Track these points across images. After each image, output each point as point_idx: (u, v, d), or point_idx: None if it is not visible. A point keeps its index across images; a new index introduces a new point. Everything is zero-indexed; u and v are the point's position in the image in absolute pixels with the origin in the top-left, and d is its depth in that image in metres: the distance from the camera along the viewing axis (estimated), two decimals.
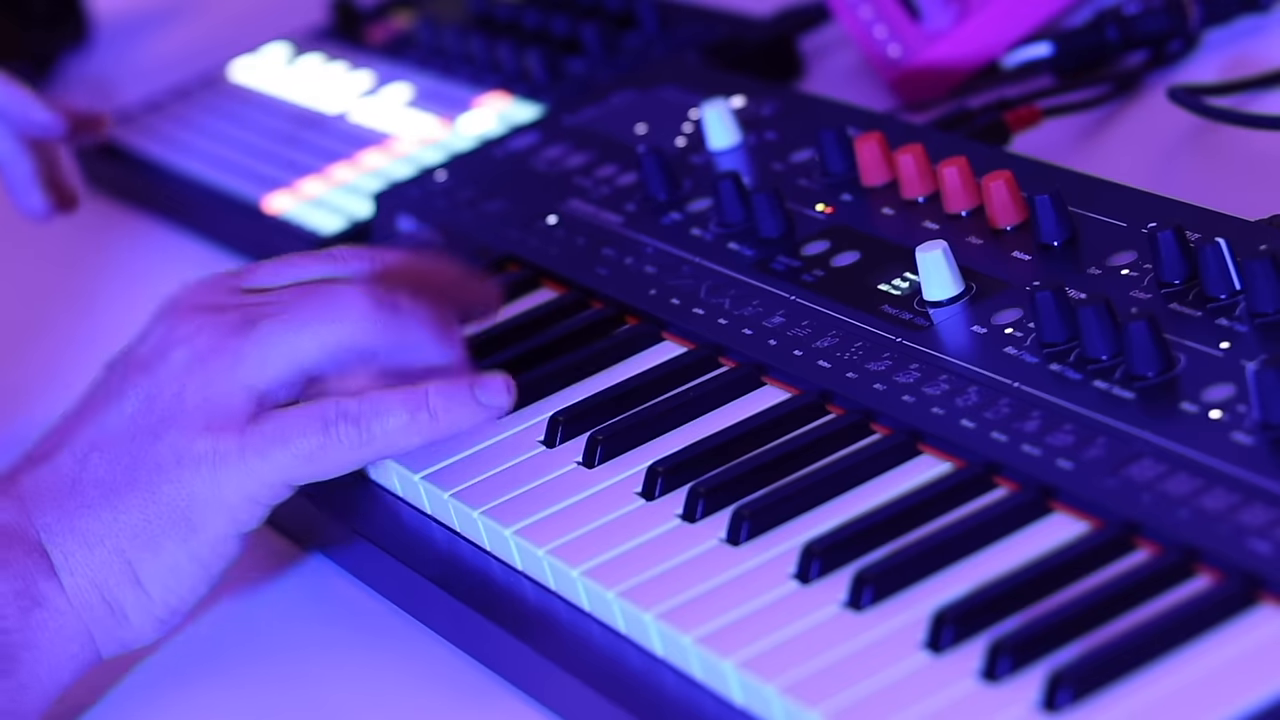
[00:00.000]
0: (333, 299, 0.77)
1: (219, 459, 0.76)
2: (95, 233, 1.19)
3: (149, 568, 0.76)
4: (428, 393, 0.76)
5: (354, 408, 0.76)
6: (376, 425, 0.76)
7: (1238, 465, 0.66)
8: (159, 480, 0.76)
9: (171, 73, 1.32)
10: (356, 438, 0.76)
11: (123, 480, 0.76)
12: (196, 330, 0.77)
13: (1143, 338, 0.70)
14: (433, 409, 0.76)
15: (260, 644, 0.80)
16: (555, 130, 1.00)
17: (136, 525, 0.76)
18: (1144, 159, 0.93)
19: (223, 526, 0.76)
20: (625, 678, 0.70)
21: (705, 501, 0.73)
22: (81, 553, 0.76)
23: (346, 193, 1.08)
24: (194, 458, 0.76)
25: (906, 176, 0.84)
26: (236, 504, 0.76)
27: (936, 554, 0.68)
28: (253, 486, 0.76)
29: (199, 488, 0.76)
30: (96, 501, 0.76)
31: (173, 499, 0.76)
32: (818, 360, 0.78)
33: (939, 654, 0.65)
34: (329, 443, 0.75)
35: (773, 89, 0.96)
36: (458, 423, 0.76)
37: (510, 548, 0.76)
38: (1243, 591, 0.63)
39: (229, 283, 0.80)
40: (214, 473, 0.76)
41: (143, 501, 0.76)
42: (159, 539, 0.76)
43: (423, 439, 0.76)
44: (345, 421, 0.75)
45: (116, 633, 0.77)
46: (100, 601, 0.76)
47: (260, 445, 0.76)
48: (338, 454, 0.76)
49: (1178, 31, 0.98)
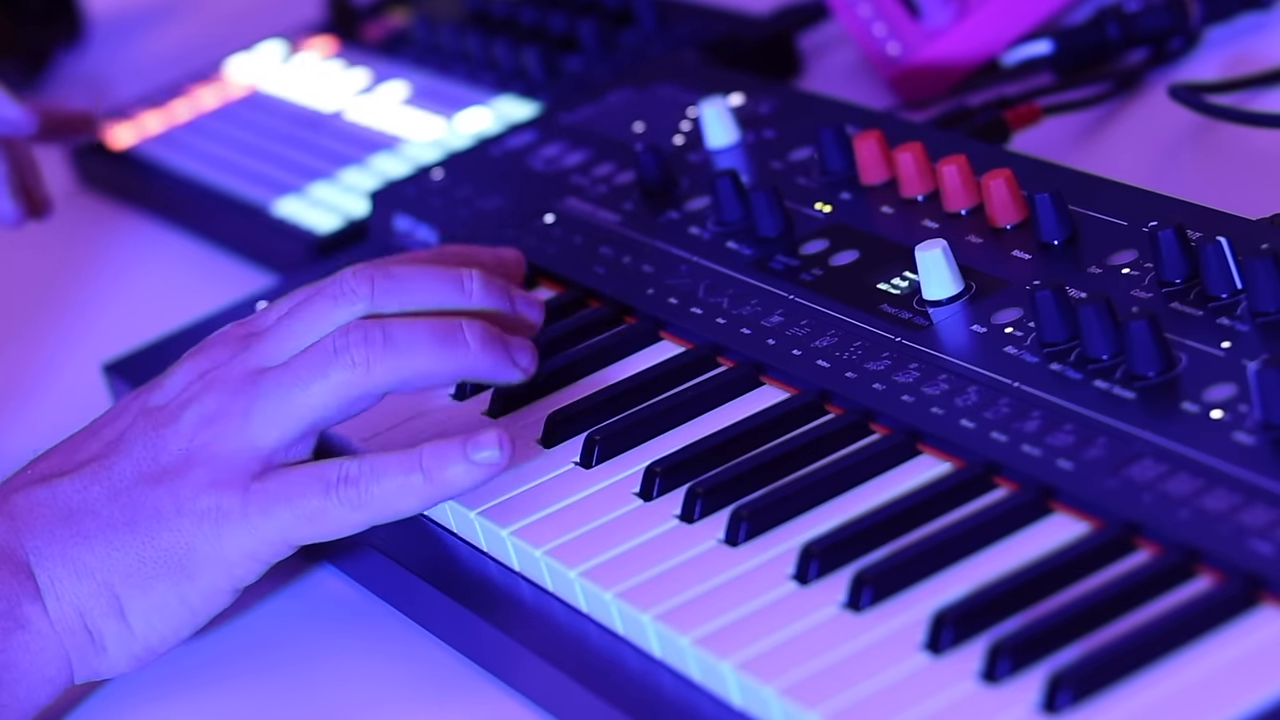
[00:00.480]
0: (327, 352, 0.76)
1: (221, 515, 0.76)
2: (88, 231, 1.19)
3: (136, 605, 0.76)
4: (421, 454, 0.75)
5: (354, 470, 0.75)
6: (375, 488, 0.75)
7: (1239, 465, 0.66)
8: (158, 527, 0.76)
9: (166, 70, 1.32)
10: (355, 500, 0.75)
11: (121, 520, 0.76)
12: (207, 388, 0.77)
13: (1143, 337, 0.70)
14: (425, 469, 0.75)
15: (254, 645, 0.80)
16: (552, 128, 1.00)
17: (130, 564, 0.76)
18: (1145, 157, 0.93)
19: (219, 579, 0.76)
20: (623, 679, 0.70)
21: (703, 502, 0.73)
22: (69, 580, 0.76)
23: (343, 191, 1.08)
24: (196, 511, 0.76)
25: (906, 175, 0.84)
26: (236, 560, 0.76)
27: (936, 555, 0.68)
28: (253, 544, 0.76)
29: (199, 541, 0.76)
30: (92, 535, 0.76)
31: (171, 547, 0.76)
32: (816, 360, 0.78)
33: (938, 655, 0.65)
34: (329, 504, 0.75)
35: (771, 87, 0.96)
36: (452, 482, 0.75)
37: (507, 548, 0.76)
38: (1244, 592, 0.63)
39: (241, 335, 0.79)
40: (216, 528, 0.76)
41: (139, 544, 0.76)
42: (151, 580, 0.76)
43: (419, 500, 0.76)
44: (345, 484, 0.75)
45: (93, 661, 0.77)
46: (82, 629, 0.76)
47: (263, 503, 0.75)
48: (337, 515, 0.76)
49: (1179, 29, 0.98)
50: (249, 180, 1.12)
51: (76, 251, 1.17)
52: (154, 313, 1.04)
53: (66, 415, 0.83)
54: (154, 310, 1.05)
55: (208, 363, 0.78)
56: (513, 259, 0.84)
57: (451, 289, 0.78)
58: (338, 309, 0.77)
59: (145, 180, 1.18)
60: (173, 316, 1.00)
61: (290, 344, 0.77)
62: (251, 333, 0.79)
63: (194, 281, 1.10)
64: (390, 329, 0.76)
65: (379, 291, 0.77)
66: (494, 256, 0.83)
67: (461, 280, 0.78)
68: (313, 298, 0.78)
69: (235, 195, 1.12)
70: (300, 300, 0.79)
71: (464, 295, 0.78)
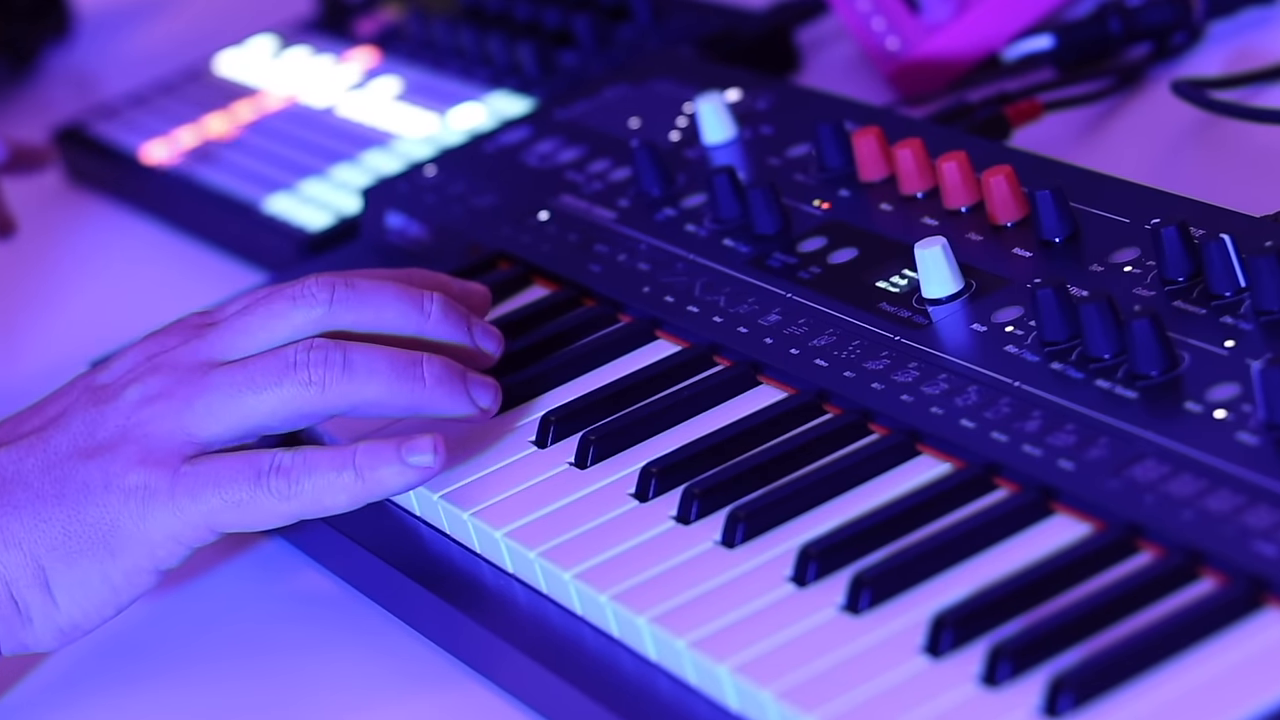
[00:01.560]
0: (285, 364, 0.76)
1: (149, 494, 0.76)
2: (76, 227, 1.19)
3: (61, 578, 0.76)
4: (355, 451, 0.76)
5: (287, 461, 0.75)
6: (306, 481, 0.75)
7: (1243, 466, 0.66)
8: (85, 502, 0.76)
9: (155, 66, 1.32)
10: (285, 491, 0.75)
11: (50, 493, 0.76)
12: (153, 370, 0.78)
13: (1146, 336, 0.70)
14: (358, 467, 0.75)
15: (236, 639, 0.80)
16: (547, 124, 0.99)
17: (56, 536, 0.76)
18: (1147, 154, 0.92)
19: (141, 559, 0.77)
20: (618, 682, 0.69)
21: (700, 503, 0.73)
22: None
23: (334, 188, 1.08)
24: (124, 488, 0.76)
25: (905, 171, 0.84)
26: (159, 541, 0.76)
27: (935, 556, 0.68)
28: (177, 526, 0.76)
29: (124, 519, 0.76)
30: (22, 504, 0.77)
31: (96, 522, 0.76)
32: (814, 359, 0.77)
33: (938, 658, 0.64)
34: (259, 493, 0.75)
35: (769, 82, 0.96)
36: (384, 482, 0.75)
37: (501, 550, 0.76)
38: (1248, 595, 0.63)
39: (197, 324, 0.80)
40: (142, 507, 0.76)
41: (66, 517, 0.76)
42: (76, 554, 0.76)
43: (349, 498, 0.76)
44: (276, 474, 0.75)
45: (19, 633, 0.77)
46: (8, 599, 0.76)
47: (192, 486, 0.76)
48: (265, 505, 0.76)
49: (1182, 24, 0.98)
50: (239, 176, 1.12)
51: (64, 247, 1.18)
52: (142, 310, 1.04)
53: None
54: (142, 307, 1.06)
55: (158, 347, 0.79)
56: (479, 293, 0.84)
57: (411, 310, 0.78)
58: (295, 310, 0.78)
59: (134, 176, 1.18)
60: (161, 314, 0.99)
61: (243, 340, 0.78)
62: (208, 323, 0.80)
63: (183, 278, 1.10)
64: (351, 354, 0.76)
65: (338, 300, 0.78)
66: (462, 288, 0.84)
67: (422, 302, 0.79)
68: (272, 296, 0.79)
69: (225, 191, 1.11)
70: (259, 298, 0.79)
71: (423, 317, 0.79)
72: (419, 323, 0.78)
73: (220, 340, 0.78)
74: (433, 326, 0.79)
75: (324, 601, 0.81)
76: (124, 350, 0.80)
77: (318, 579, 0.82)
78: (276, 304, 0.78)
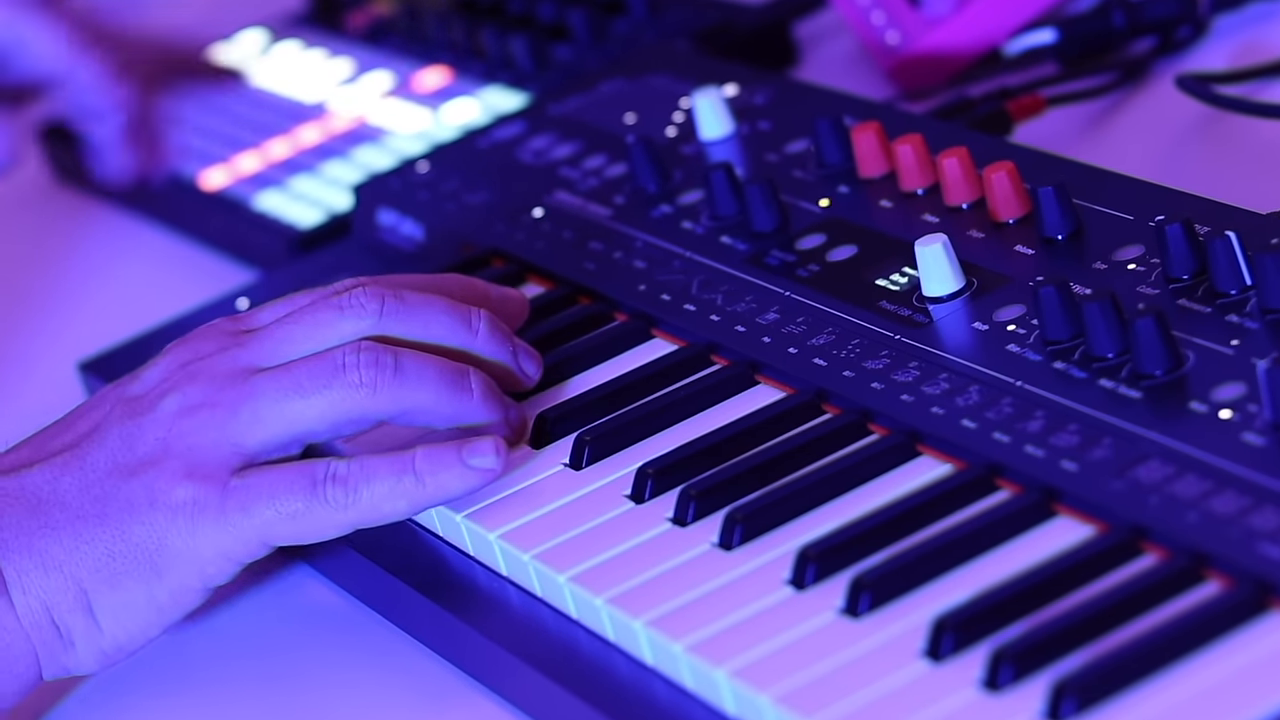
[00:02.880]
0: (335, 367, 0.75)
1: (197, 509, 0.74)
2: (63, 225, 1.19)
3: (104, 601, 0.75)
4: (414, 457, 0.75)
5: (343, 469, 0.74)
6: (364, 489, 0.74)
7: (1248, 467, 0.65)
8: (130, 519, 0.74)
9: None
10: (343, 500, 0.74)
11: (92, 512, 0.75)
12: (190, 379, 0.76)
13: (1150, 335, 0.70)
14: (419, 472, 0.74)
15: (239, 651, 0.80)
16: (541, 120, 0.99)
17: (99, 558, 0.74)
18: (1151, 149, 0.92)
19: (190, 578, 0.75)
20: (614, 687, 0.69)
21: (697, 504, 0.73)
22: (37, 573, 0.75)
23: (325, 184, 1.07)
24: (171, 505, 0.74)
25: (905, 168, 0.84)
26: (209, 558, 0.74)
27: (936, 559, 0.67)
28: (229, 542, 0.74)
29: (172, 537, 0.74)
30: (61, 526, 0.75)
31: (142, 541, 0.74)
32: (813, 358, 0.77)
33: (939, 662, 0.64)
34: (315, 503, 0.74)
35: (766, 77, 0.96)
36: (446, 486, 0.75)
37: (495, 553, 0.75)
38: (1253, 598, 0.63)
39: (232, 330, 0.78)
40: (190, 523, 0.74)
41: (110, 537, 0.74)
42: (120, 576, 0.74)
43: (410, 504, 0.75)
44: (333, 483, 0.74)
45: (61, 658, 0.76)
46: (49, 624, 0.75)
47: (243, 499, 0.74)
48: (323, 516, 0.74)
49: (1186, 17, 0.98)
50: (229, 172, 1.11)
51: (51, 246, 1.18)
52: (131, 310, 1.04)
53: (41, 415, 0.82)
54: (131, 307, 1.06)
55: (191, 354, 0.77)
56: (517, 300, 0.84)
57: (460, 326, 0.78)
58: (344, 320, 0.76)
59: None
60: (150, 313, 1.00)
61: (288, 348, 0.76)
62: (243, 329, 0.78)
63: (172, 277, 1.10)
64: (402, 359, 0.75)
65: (388, 312, 0.77)
66: (501, 295, 0.83)
67: (470, 319, 0.78)
68: (318, 305, 0.77)
69: (214, 189, 1.11)
70: (303, 305, 0.78)
71: (470, 334, 0.78)
72: (467, 339, 0.78)
73: (262, 348, 0.76)
74: (480, 344, 0.78)
75: (323, 609, 0.81)
76: (153, 360, 0.78)
77: (315, 586, 0.82)
78: (323, 313, 0.76)
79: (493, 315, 0.79)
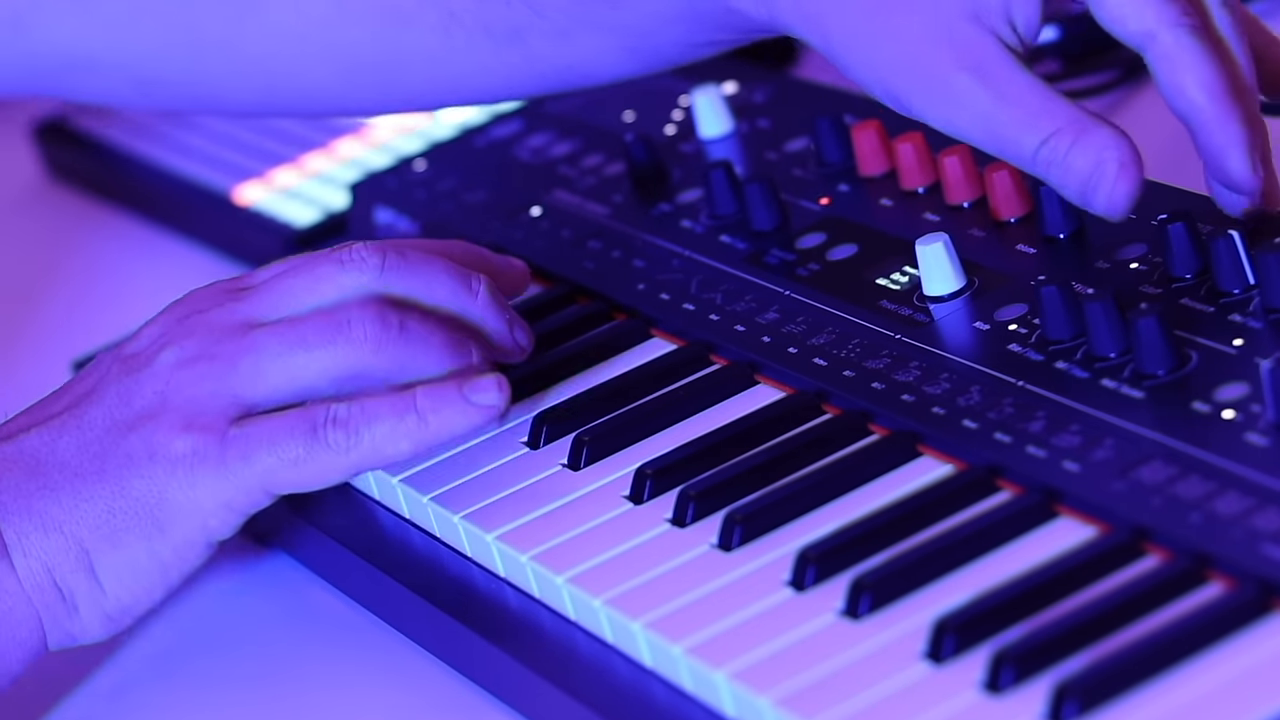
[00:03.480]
0: (339, 322, 0.75)
1: (197, 459, 0.74)
2: (57, 224, 1.19)
3: (106, 560, 0.74)
4: (415, 396, 0.74)
5: (344, 412, 0.74)
6: (365, 431, 0.74)
7: (1251, 467, 0.65)
8: (129, 474, 0.74)
9: None
10: (345, 442, 0.74)
11: (90, 469, 0.74)
12: (188, 333, 0.76)
13: (1152, 334, 0.70)
14: (420, 410, 0.74)
15: (237, 652, 0.79)
16: (539, 118, 0.99)
17: (99, 516, 0.74)
18: (1153, 147, 0.91)
19: (192, 531, 0.74)
20: (612, 689, 0.69)
21: (696, 505, 0.73)
22: (37, 535, 0.74)
23: (321, 183, 1.07)
24: (170, 456, 0.74)
25: (906, 166, 0.84)
26: (211, 509, 0.74)
27: (937, 560, 0.67)
28: (230, 492, 0.74)
29: (172, 489, 0.74)
30: (60, 485, 0.74)
31: (142, 495, 0.74)
32: (813, 358, 0.77)
33: (940, 664, 0.64)
34: (317, 447, 0.74)
35: (766, 75, 0.96)
36: (448, 424, 0.74)
37: (492, 554, 0.75)
38: (1257, 599, 0.62)
39: (230, 288, 0.78)
40: (190, 474, 0.74)
41: (109, 493, 0.74)
42: (121, 533, 0.74)
43: (412, 444, 0.74)
44: (334, 426, 0.74)
45: (65, 623, 0.75)
46: (51, 586, 0.74)
47: (243, 447, 0.74)
48: (325, 460, 0.74)
49: None
50: (224, 171, 1.12)
51: (45, 245, 1.18)
52: (125, 308, 1.03)
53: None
54: (125, 306, 1.05)
55: (188, 309, 0.77)
56: (520, 271, 0.84)
57: (460, 287, 0.78)
58: (344, 274, 0.76)
59: (116, 171, 1.18)
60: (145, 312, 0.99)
61: (288, 301, 0.76)
62: (240, 288, 0.77)
63: (166, 276, 1.10)
64: (407, 320, 0.75)
65: (389, 267, 0.76)
66: (503, 262, 0.83)
67: (470, 282, 0.78)
68: (316, 259, 0.77)
69: (209, 187, 1.11)
70: (301, 261, 0.77)
71: (470, 297, 0.78)
72: (466, 301, 0.77)
73: (262, 301, 0.76)
74: (479, 307, 0.78)
75: (320, 610, 0.80)
76: (151, 319, 0.77)
77: (312, 587, 0.82)
78: (323, 267, 0.76)
79: (491, 282, 0.78)
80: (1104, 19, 0.71)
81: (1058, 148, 0.71)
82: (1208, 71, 0.70)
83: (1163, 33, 0.70)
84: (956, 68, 0.71)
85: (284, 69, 0.83)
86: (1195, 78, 0.70)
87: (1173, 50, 0.70)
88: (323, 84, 0.83)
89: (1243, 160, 0.70)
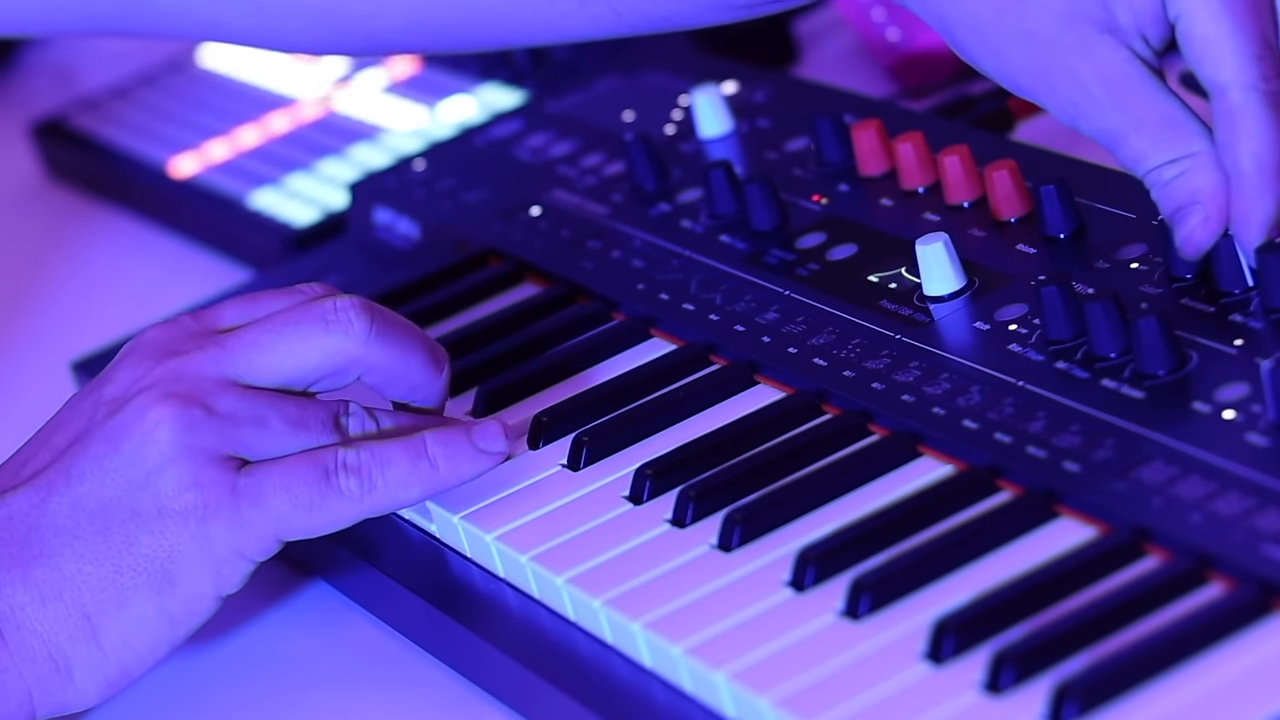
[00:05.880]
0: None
1: (209, 510, 0.72)
2: (56, 224, 1.19)
3: (110, 623, 0.72)
4: (425, 440, 0.74)
5: (354, 458, 0.73)
6: (379, 475, 0.73)
7: (1252, 468, 0.65)
8: (136, 530, 0.72)
9: (137, 58, 1.32)
10: (358, 489, 0.73)
11: (90, 529, 0.72)
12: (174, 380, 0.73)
13: (1153, 335, 0.69)
14: (432, 457, 0.73)
15: (234, 653, 0.79)
16: (539, 117, 0.99)
17: (104, 577, 0.72)
18: None
19: (203, 584, 0.73)
20: (612, 690, 0.69)
21: (696, 505, 0.72)
22: (33, 606, 0.72)
23: (321, 183, 1.07)
24: (180, 509, 0.72)
25: (906, 166, 0.83)
26: (224, 557, 0.72)
27: (937, 560, 0.67)
28: (244, 540, 0.72)
29: (184, 541, 0.72)
30: (57, 551, 0.72)
31: (151, 551, 0.72)
32: (813, 358, 0.77)
33: (940, 665, 0.64)
34: (330, 493, 0.73)
35: (766, 74, 0.96)
36: (458, 470, 0.74)
37: (492, 554, 0.75)
38: (1258, 600, 0.62)
39: (193, 324, 0.76)
40: (202, 525, 0.72)
41: (115, 553, 0.72)
42: (128, 592, 0.72)
43: (424, 490, 0.74)
44: (347, 472, 0.73)
45: (58, 693, 0.73)
46: (46, 659, 0.72)
47: (255, 495, 0.72)
48: (337, 506, 0.73)
49: None
50: (223, 171, 1.11)
51: (44, 245, 1.18)
52: (124, 309, 1.04)
53: (34, 416, 0.81)
54: (124, 306, 1.06)
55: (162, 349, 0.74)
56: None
57: (430, 365, 0.76)
58: (329, 336, 0.74)
59: (116, 171, 1.18)
60: (143, 313, 1.00)
61: (269, 359, 0.74)
62: (212, 328, 0.75)
63: (165, 277, 1.10)
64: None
65: (376, 334, 0.74)
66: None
67: (441, 363, 0.77)
68: (300, 316, 0.74)
69: (209, 187, 1.10)
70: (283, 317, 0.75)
71: (437, 374, 0.77)
72: (433, 377, 0.76)
73: (243, 356, 0.73)
74: (441, 385, 0.77)
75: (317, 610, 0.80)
76: (118, 360, 0.75)
77: (309, 588, 0.81)
78: (306, 326, 0.74)
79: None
80: (1188, 53, 0.71)
81: (1164, 173, 0.71)
82: (1263, 143, 0.69)
83: (1235, 91, 0.70)
84: (1094, 81, 0.71)
85: (356, 9, 0.80)
86: (1250, 146, 0.69)
87: (1239, 112, 0.70)
88: (394, 26, 0.81)
89: (1259, 236, 0.70)
